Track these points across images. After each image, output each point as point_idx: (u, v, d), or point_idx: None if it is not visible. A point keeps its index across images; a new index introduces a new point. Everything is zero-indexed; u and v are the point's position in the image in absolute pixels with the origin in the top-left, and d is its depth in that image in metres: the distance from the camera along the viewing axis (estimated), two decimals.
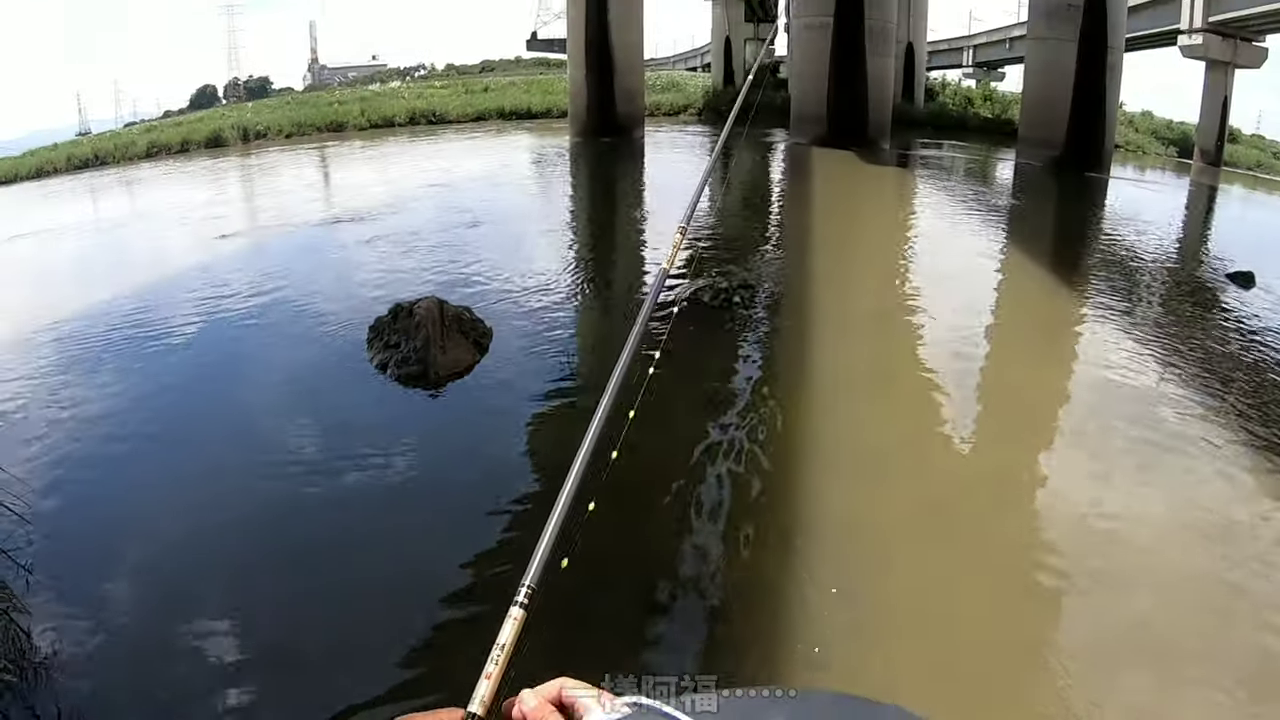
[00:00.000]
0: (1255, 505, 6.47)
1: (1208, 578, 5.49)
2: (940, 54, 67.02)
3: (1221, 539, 5.99)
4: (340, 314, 9.57)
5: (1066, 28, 26.82)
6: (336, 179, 24.56)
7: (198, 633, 4.66)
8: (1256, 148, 53.45)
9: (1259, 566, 5.67)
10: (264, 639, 4.65)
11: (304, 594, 5.02)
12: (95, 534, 5.74)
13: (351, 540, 5.56)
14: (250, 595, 5.02)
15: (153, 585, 5.10)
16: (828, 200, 19.83)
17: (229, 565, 5.32)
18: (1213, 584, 5.41)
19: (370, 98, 41.27)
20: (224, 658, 4.48)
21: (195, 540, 5.56)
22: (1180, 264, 16.79)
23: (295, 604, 4.97)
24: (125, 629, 4.75)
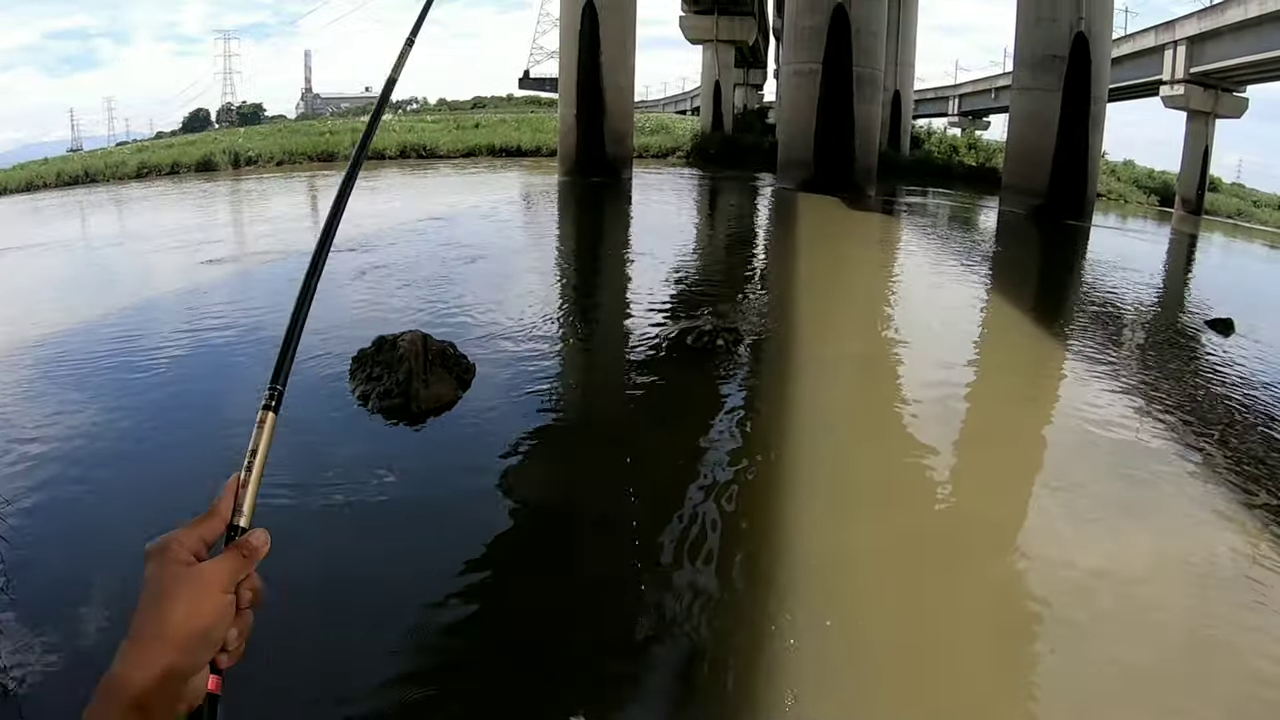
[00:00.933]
0: (1234, 552, 6.54)
1: (1188, 625, 5.54)
2: (926, 102, 68.03)
3: (1201, 586, 6.05)
4: (323, 344, 9.56)
5: (1051, 78, 27.22)
6: (325, 209, 24.64)
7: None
8: (1237, 196, 54.13)
9: (1239, 614, 5.73)
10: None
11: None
12: (55, 561, 5.67)
13: (307, 575, 5.50)
14: None
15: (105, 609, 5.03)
16: (813, 244, 19.99)
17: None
18: (1192, 631, 5.47)
19: (361, 129, 41.41)
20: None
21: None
22: (1160, 311, 16.97)
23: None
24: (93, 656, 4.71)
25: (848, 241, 21.38)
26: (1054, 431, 9.16)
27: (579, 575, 5.66)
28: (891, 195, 30.44)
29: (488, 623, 5.05)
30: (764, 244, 21.26)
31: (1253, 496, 7.42)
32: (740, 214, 26.23)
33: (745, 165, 36.56)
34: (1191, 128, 43.07)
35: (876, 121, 30.45)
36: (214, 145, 35.04)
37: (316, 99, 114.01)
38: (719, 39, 49.03)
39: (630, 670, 4.74)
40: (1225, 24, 37.15)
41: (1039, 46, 27.58)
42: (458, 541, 5.92)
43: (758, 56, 68.05)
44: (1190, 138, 43.28)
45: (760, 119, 55.07)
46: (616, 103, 29.41)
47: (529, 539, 6.03)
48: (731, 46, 50.72)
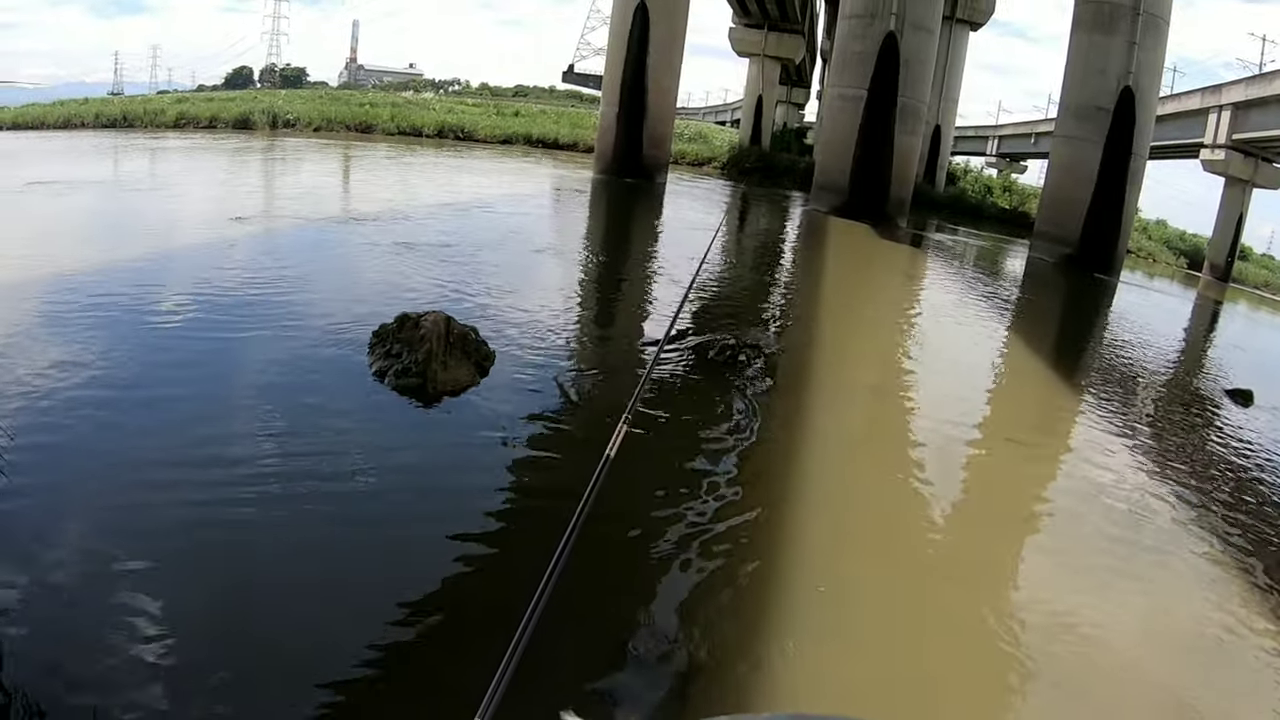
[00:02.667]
0: (1232, 623, 6.54)
1: (1179, 690, 5.55)
2: (966, 140, 68.03)
3: (1196, 653, 6.05)
4: (343, 314, 9.54)
5: (1093, 129, 27.25)
6: (356, 179, 24.62)
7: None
8: (1266, 268, 54.16)
9: (1232, 684, 5.75)
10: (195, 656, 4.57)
11: (237, 603, 4.92)
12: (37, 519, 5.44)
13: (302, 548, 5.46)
14: (185, 605, 4.88)
15: (90, 562, 4.97)
16: (840, 271, 19.99)
17: (164, 564, 5.15)
18: (1184, 697, 5.47)
19: (402, 104, 41.41)
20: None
21: (134, 532, 5.40)
22: (1181, 375, 16.95)
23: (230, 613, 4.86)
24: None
25: (875, 271, 21.36)
26: (1057, 490, 9.10)
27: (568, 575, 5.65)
28: (922, 229, 30.45)
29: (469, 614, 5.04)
30: (791, 265, 21.23)
31: (1250, 568, 7.42)
32: (770, 232, 26.21)
33: (779, 183, 36.59)
34: (1228, 194, 43.03)
35: (915, 153, 30.47)
36: (254, 104, 35.10)
37: (360, 70, 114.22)
38: (766, 54, 49.10)
39: (616, 673, 4.74)
40: (1272, 93, 37.07)
41: (1086, 96, 27.60)
42: (450, 525, 5.91)
43: (802, 76, 68.09)
44: (1226, 204, 43.24)
45: (799, 138, 55.07)
46: (659, 106, 29.43)
47: (523, 533, 6.01)
48: (778, 63, 50.77)
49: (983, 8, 49.17)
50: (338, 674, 4.33)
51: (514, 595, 5.37)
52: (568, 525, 1.44)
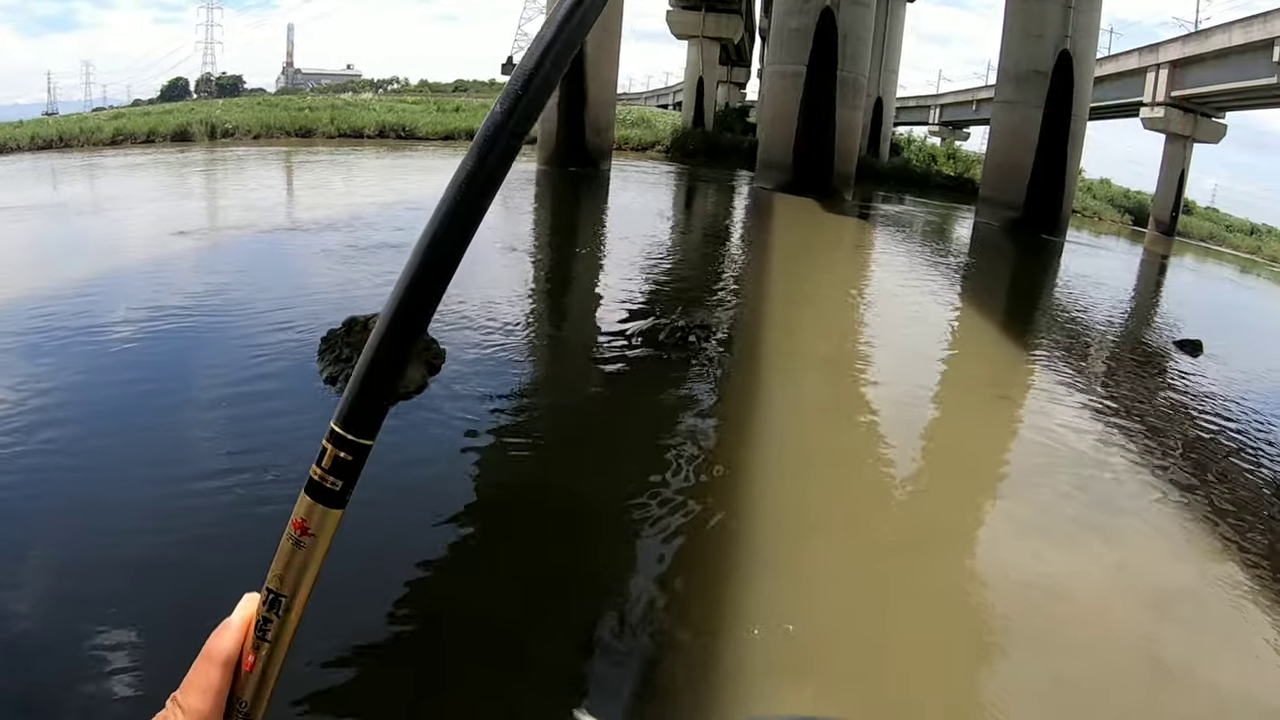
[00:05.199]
0: (1193, 570, 6.58)
1: (1142, 640, 5.54)
2: (908, 110, 68.37)
3: (1158, 603, 6.06)
4: (293, 322, 9.41)
5: (1033, 93, 27.44)
6: (300, 185, 24.31)
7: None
8: (1210, 220, 54.89)
9: (1194, 631, 5.76)
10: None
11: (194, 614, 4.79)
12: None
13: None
14: (142, 613, 4.79)
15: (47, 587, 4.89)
16: (788, 247, 19.97)
17: (116, 577, 5.06)
18: (1146, 647, 5.47)
19: (341, 106, 40.77)
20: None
21: (81, 548, 5.33)
22: (1130, 329, 17.14)
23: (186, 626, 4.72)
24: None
25: (822, 245, 21.37)
26: (1017, 445, 9.15)
27: (529, 565, 5.58)
28: (868, 201, 30.54)
29: (439, 614, 4.97)
30: (739, 243, 21.19)
31: (1211, 516, 7.47)
32: (717, 212, 26.21)
33: (724, 163, 36.57)
34: (1169, 150, 43.52)
35: (858, 127, 30.52)
36: (191, 115, 34.45)
37: (297, 74, 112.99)
38: (705, 35, 48.94)
39: (587, 662, 4.69)
40: (1208, 50, 37.49)
41: (1023, 61, 27.78)
42: (410, 531, 5.82)
43: (742, 55, 68.01)
44: (1167, 160, 43.75)
45: (741, 118, 55.02)
46: (599, 93, 29.16)
47: (484, 529, 5.94)
48: (717, 43, 50.66)
49: None
50: (297, 688, 4.23)
51: (476, 591, 5.36)
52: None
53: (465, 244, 0.81)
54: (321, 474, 0.82)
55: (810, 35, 27.73)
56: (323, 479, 0.82)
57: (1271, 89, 34.56)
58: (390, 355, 0.81)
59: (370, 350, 0.81)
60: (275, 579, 0.84)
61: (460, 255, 0.81)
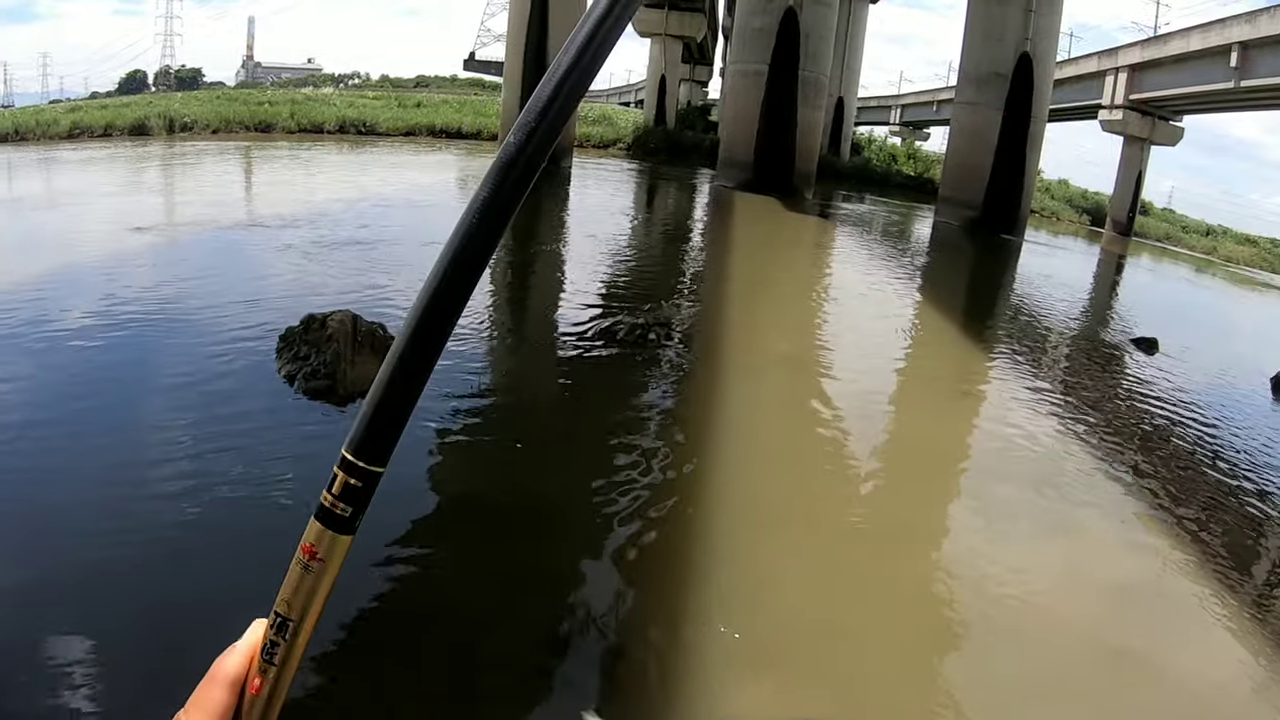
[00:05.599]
0: (1148, 564, 6.62)
1: (1099, 633, 5.55)
2: (869, 110, 68.81)
3: (1114, 595, 6.09)
4: (251, 319, 9.26)
5: (993, 95, 27.76)
6: (259, 181, 24.06)
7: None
8: (1166, 221, 55.83)
9: (1150, 623, 5.80)
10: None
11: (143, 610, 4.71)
12: None
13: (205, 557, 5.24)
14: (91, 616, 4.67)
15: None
16: (748, 245, 19.98)
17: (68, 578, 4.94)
18: (1100, 640, 5.49)
19: (302, 101, 40.21)
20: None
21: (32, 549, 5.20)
22: (1087, 327, 17.29)
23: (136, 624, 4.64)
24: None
25: (783, 243, 21.42)
26: (977, 440, 9.20)
27: (493, 565, 5.53)
28: (829, 200, 30.68)
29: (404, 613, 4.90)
30: (700, 241, 21.19)
31: (1167, 508, 7.55)
32: (678, 210, 26.20)
33: (686, 161, 36.60)
34: (1127, 152, 44.08)
35: (819, 126, 30.63)
36: (149, 109, 33.86)
37: (258, 68, 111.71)
38: (668, 33, 48.95)
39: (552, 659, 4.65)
40: (1167, 55, 38.05)
41: (984, 64, 28.08)
42: (372, 531, 5.71)
43: (705, 53, 68.07)
44: (1125, 162, 44.32)
45: (703, 116, 55.07)
46: None
47: (446, 527, 5.87)
48: (680, 42, 50.70)
49: None
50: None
51: (439, 589, 5.30)
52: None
53: (481, 270, 0.80)
54: (332, 500, 0.82)
55: (773, 34, 27.83)
56: (333, 505, 0.82)
57: (1228, 93, 35.08)
58: (404, 383, 0.82)
59: (384, 377, 0.81)
60: (283, 603, 0.83)
61: (476, 281, 0.79)
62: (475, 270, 0.79)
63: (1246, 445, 10.38)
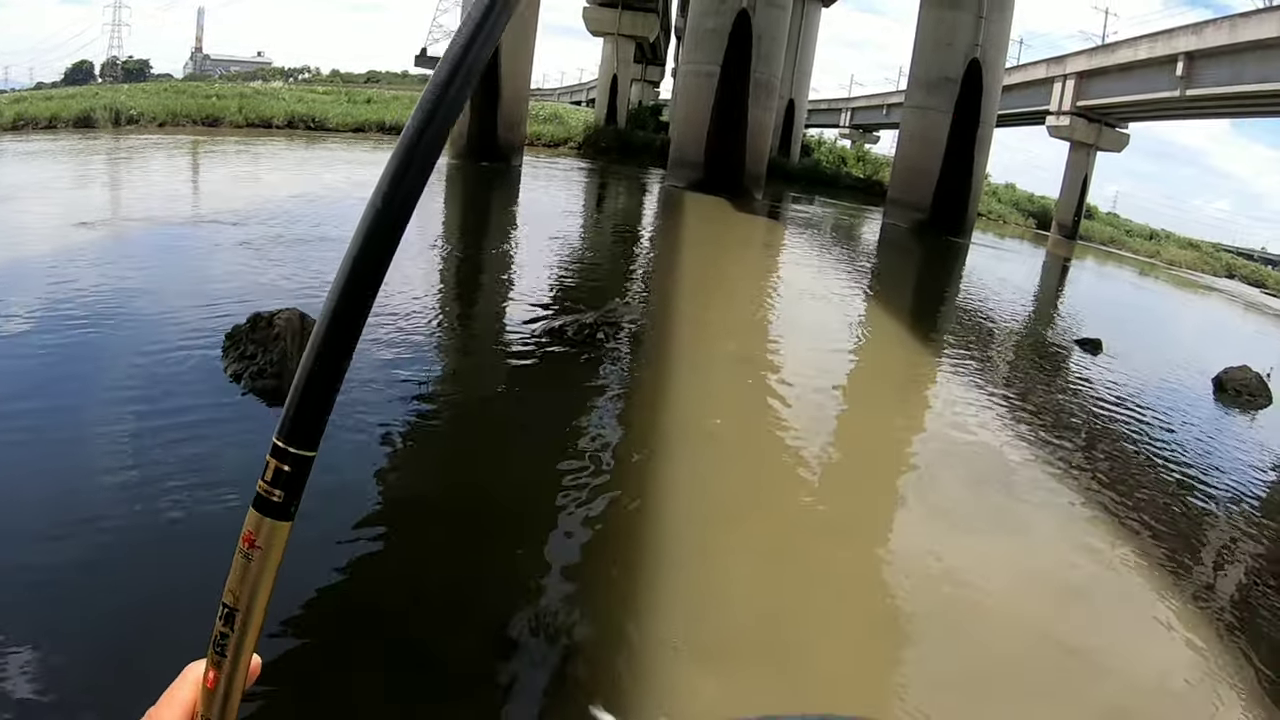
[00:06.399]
0: (1092, 558, 6.70)
1: (1041, 627, 5.62)
2: (820, 113, 69.38)
3: (1059, 588, 6.16)
4: (196, 317, 9.12)
5: (942, 100, 28.09)
6: (204, 176, 23.73)
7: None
8: (1111, 225, 56.98)
9: (1093, 615, 5.86)
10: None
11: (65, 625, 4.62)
12: None
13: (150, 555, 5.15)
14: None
15: None
16: (698, 244, 20.03)
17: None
18: (1045, 633, 5.55)
19: (250, 95, 39.65)
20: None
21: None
22: (1033, 328, 17.52)
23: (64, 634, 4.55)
24: None
25: (733, 243, 21.48)
26: (924, 437, 9.26)
27: (442, 568, 5.49)
28: (779, 201, 30.83)
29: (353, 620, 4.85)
30: (649, 241, 21.19)
31: (1109, 502, 7.66)
32: (628, 209, 26.20)
33: (636, 160, 36.66)
34: (1073, 158, 44.89)
35: (769, 128, 30.83)
36: (95, 101, 33.12)
37: (206, 60, 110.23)
38: (620, 33, 48.95)
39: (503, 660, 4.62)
40: (1114, 63, 38.84)
41: (934, 69, 28.40)
42: (319, 532, 5.66)
43: (657, 53, 68.17)
44: (1071, 167, 45.15)
45: (654, 116, 55.14)
46: (512, 88, 28.89)
47: (394, 527, 5.82)
48: (632, 41, 50.70)
49: None
50: None
51: (388, 591, 5.26)
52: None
53: (392, 251, 0.80)
54: (266, 487, 0.82)
55: (725, 36, 27.95)
56: (268, 492, 0.82)
57: (1174, 102, 35.80)
58: (327, 367, 0.81)
59: (307, 363, 0.81)
60: (229, 594, 0.83)
61: (388, 263, 0.79)
62: (388, 250, 0.80)
63: (1189, 443, 10.57)
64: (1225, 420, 12.53)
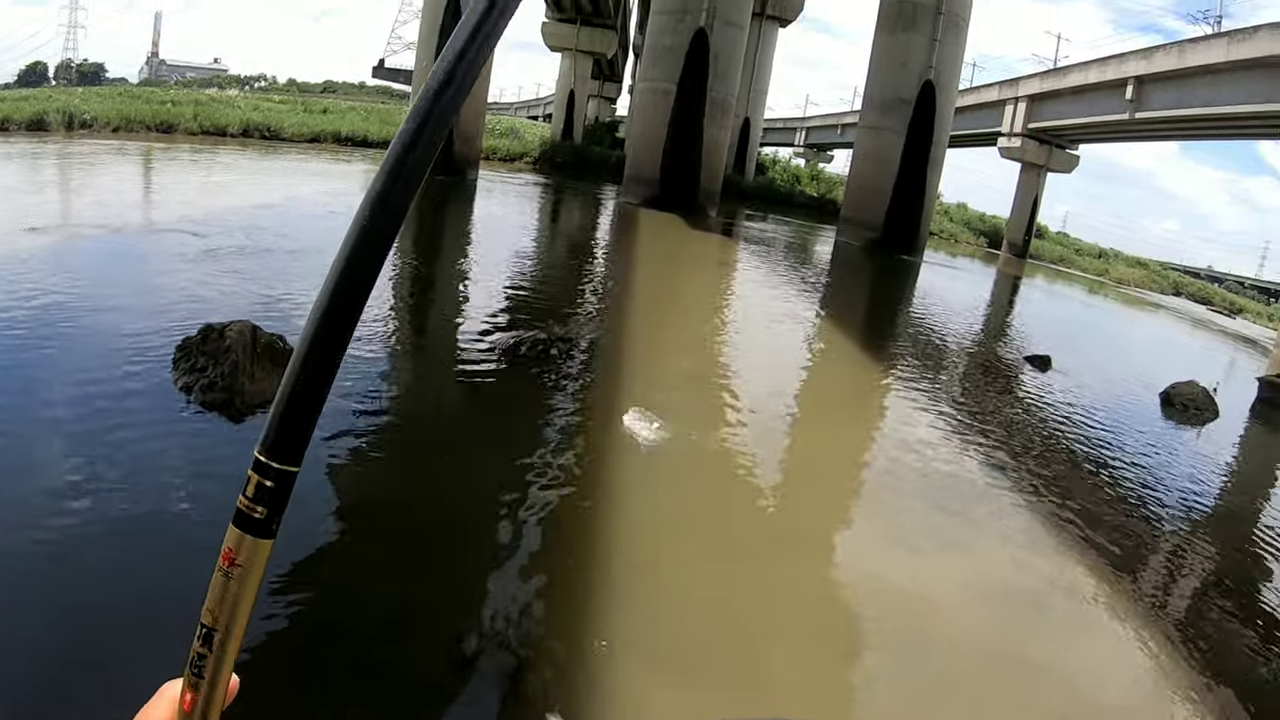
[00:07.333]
0: (1043, 570, 6.78)
1: (994, 640, 5.68)
2: (775, 131, 69.87)
3: (1010, 601, 6.22)
4: (148, 328, 8.95)
5: (896, 120, 28.42)
6: (158, 183, 23.44)
7: None
8: (1061, 244, 58.07)
9: (1044, 630, 5.94)
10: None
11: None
12: None
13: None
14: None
15: None
16: (652, 261, 20.06)
17: None
18: (999, 646, 5.61)
19: (206, 102, 39.10)
20: None
21: None
22: (984, 345, 17.70)
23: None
24: None
25: (687, 260, 21.54)
26: (876, 453, 9.31)
27: (394, 580, 5.46)
28: (733, 218, 31.00)
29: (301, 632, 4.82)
30: (604, 257, 21.20)
31: (1058, 516, 7.76)
32: (583, 225, 26.23)
33: (592, 176, 36.76)
34: (1024, 178, 45.69)
35: (725, 146, 31.03)
36: (49, 104, 32.36)
37: (162, 65, 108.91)
38: (579, 49, 49.11)
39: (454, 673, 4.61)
40: (1065, 86, 39.66)
41: (889, 89, 28.73)
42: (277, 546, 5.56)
43: (615, 70, 68.46)
44: (1022, 187, 45.95)
45: (610, 132, 55.34)
46: (469, 102, 28.64)
47: (345, 543, 5.77)
48: (590, 57, 50.87)
49: (792, 4, 50.50)
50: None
51: (337, 606, 5.23)
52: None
53: (379, 266, 0.80)
54: (248, 503, 0.81)
55: (683, 54, 28.14)
56: (249, 509, 0.81)
57: (1123, 124, 36.57)
58: (312, 378, 0.80)
59: (291, 374, 0.79)
60: (207, 613, 0.81)
61: (374, 277, 0.78)
62: (374, 265, 0.79)
63: (1137, 457, 10.74)
64: (1173, 434, 12.75)
